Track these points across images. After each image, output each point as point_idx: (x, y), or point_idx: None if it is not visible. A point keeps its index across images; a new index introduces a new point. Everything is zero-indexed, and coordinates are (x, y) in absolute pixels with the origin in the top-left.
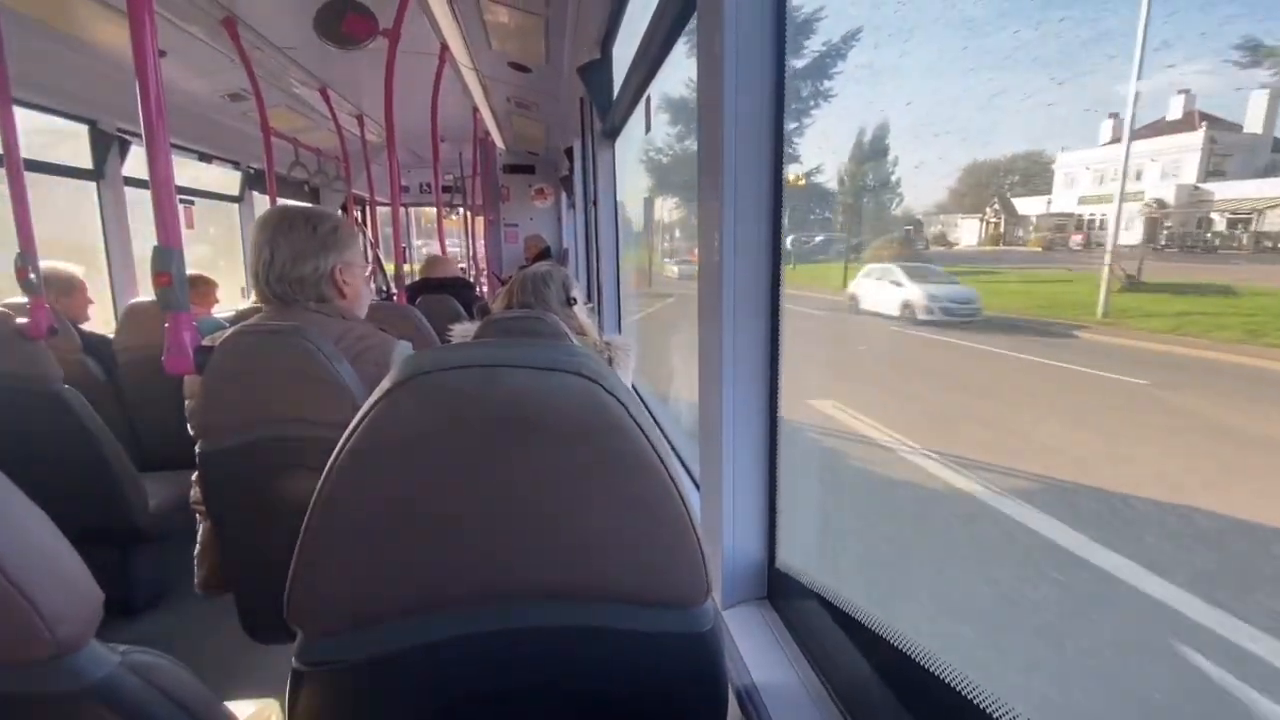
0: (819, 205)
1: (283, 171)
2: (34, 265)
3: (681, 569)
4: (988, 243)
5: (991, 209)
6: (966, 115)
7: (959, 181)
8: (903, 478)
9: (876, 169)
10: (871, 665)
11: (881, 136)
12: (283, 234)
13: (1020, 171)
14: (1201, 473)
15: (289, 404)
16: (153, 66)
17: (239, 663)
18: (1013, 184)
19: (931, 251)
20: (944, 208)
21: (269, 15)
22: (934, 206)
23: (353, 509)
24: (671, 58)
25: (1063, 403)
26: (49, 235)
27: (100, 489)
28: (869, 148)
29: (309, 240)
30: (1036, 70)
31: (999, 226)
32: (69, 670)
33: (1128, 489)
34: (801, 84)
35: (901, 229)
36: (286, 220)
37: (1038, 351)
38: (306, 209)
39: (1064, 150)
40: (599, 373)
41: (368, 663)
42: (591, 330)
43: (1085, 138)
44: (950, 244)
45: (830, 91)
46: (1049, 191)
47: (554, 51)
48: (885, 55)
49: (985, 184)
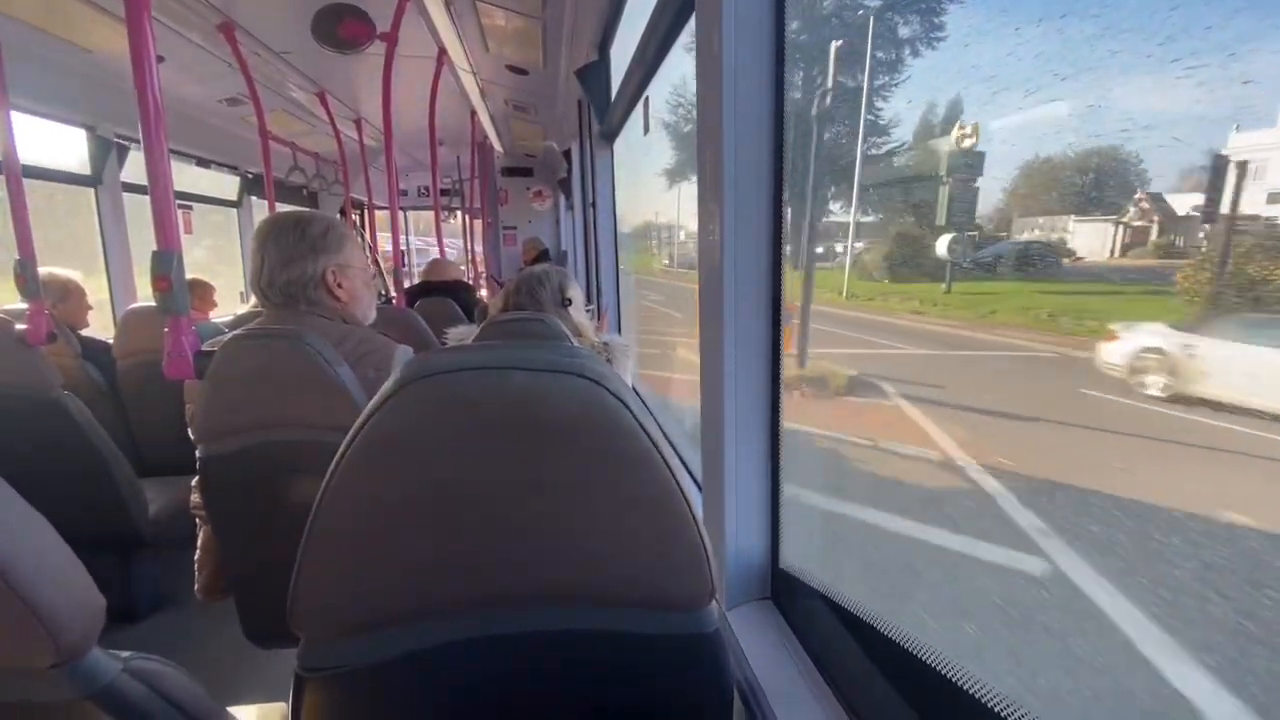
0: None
1: (281, 176)
2: (33, 271)
3: (685, 570)
4: (1131, 253)
5: (1137, 206)
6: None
7: (1069, 172)
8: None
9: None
10: (878, 665)
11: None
12: (272, 239)
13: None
14: None
15: (289, 408)
16: (151, 72)
17: (241, 668)
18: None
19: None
20: (1037, 207)
21: (267, 20)
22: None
23: (355, 513)
24: (669, 59)
25: None
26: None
27: (100, 495)
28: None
29: (298, 243)
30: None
31: (1152, 231)
32: (72, 677)
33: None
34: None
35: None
36: (277, 225)
37: None
38: (297, 212)
39: (1238, 130)
40: (600, 373)
41: (371, 668)
42: (588, 331)
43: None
44: (1069, 255)
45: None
46: (1215, 186)
47: (551, 54)
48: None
49: (1109, 176)
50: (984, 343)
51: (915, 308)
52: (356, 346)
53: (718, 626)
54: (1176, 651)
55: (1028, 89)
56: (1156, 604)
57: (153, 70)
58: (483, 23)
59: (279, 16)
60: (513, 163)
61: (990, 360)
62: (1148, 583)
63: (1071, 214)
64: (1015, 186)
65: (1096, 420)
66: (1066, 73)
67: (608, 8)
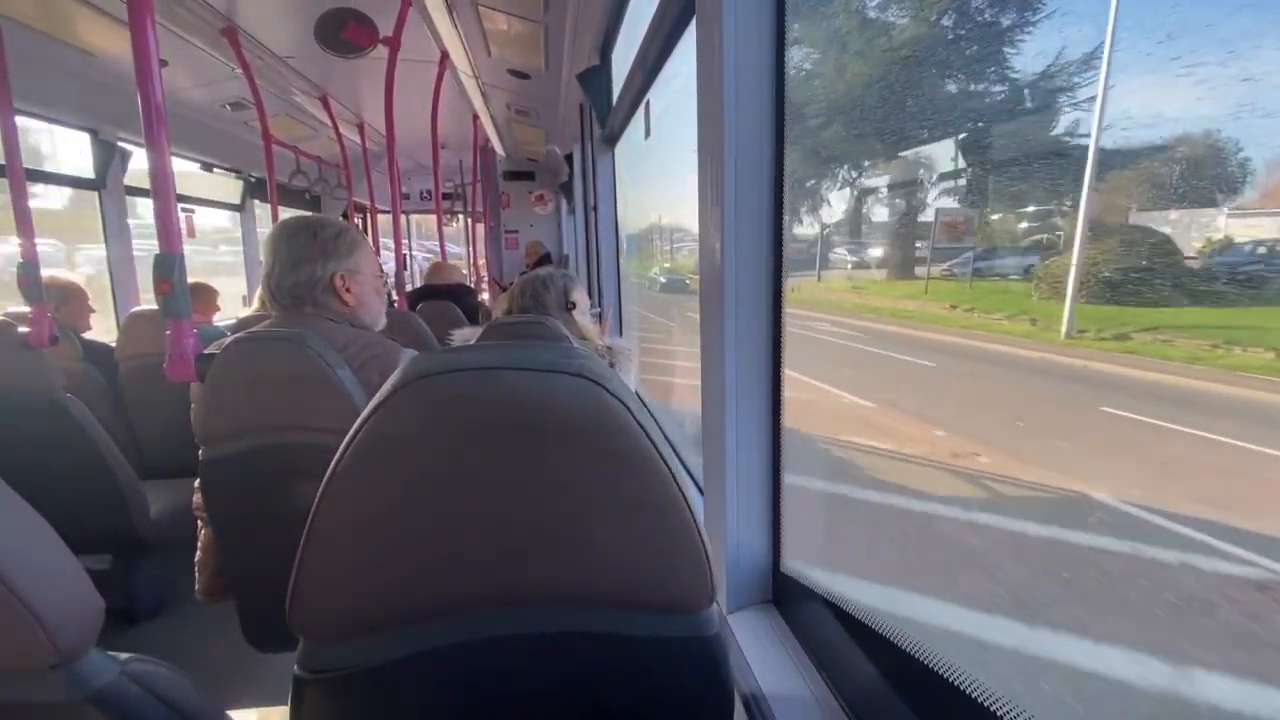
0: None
1: (284, 180)
2: (35, 275)
3: (685, 572)
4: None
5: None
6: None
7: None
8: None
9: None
10: (880, 671)
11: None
12: (283, 242)
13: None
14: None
15: (290, 410)
16: (154, 75)
17: (241, 671)
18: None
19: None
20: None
21: (270, 24)
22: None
23: (354, 514)
24: (670, 63)
25: None
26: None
27: (102, 497)
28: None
29: (308, 246)
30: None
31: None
32: (70, 679)
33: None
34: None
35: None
36: (289, 229)
37: None
38: (312, 218)
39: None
40: (601, 374)
41: (371, 670)
42: (593, 334)
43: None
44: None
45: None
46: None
47: (553, 58)
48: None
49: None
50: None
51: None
52: (361, 350)
53: (718, 630)
54: None
55: None
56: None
57: (156, 74)
58: (485, 27)
59: (282, 20)
60: (515, 166)
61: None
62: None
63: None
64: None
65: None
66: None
67: (609, 12)
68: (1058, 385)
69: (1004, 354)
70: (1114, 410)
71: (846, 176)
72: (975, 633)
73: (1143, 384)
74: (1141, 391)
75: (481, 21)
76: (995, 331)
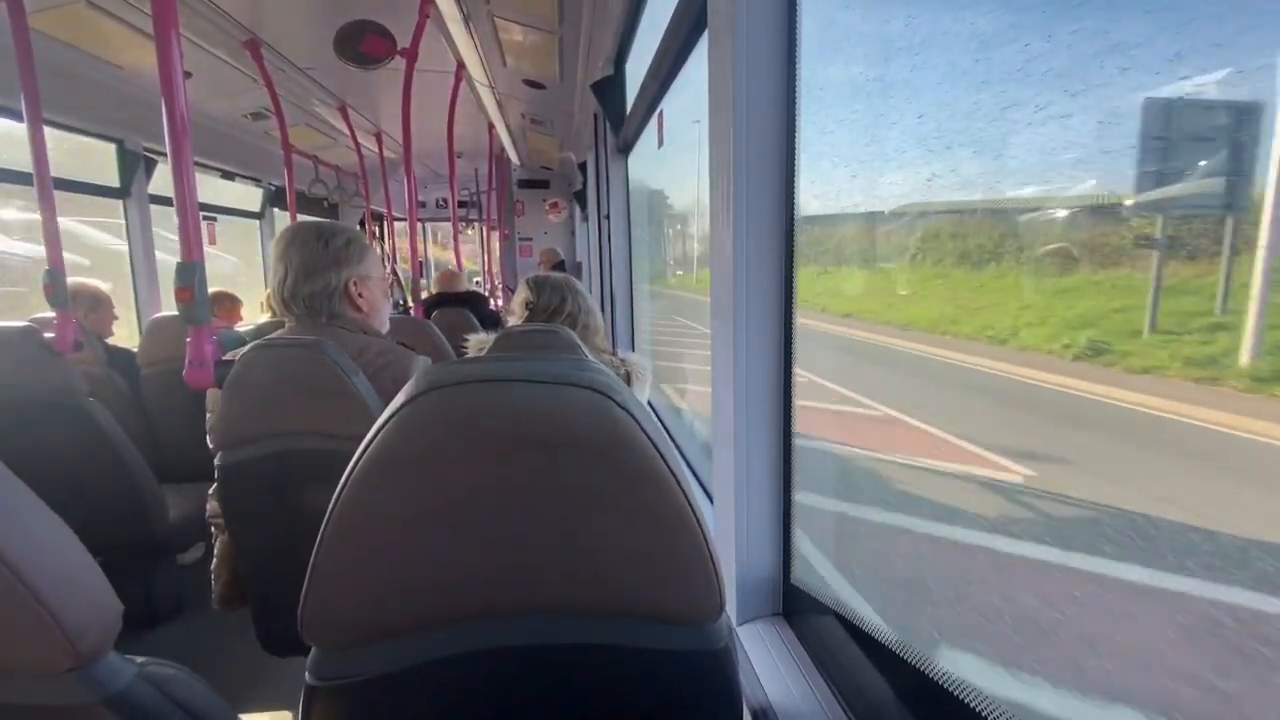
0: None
1: (303, 188)
2: (61, 281)
3: (694, 584)
4: None
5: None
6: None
7: None
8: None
9: None
10: (892, 686)
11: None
12: (295, 249)
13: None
14: None
15: (306, 417)
16: (178, 87)
17: (255, 676)
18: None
19: None
20: None
21: (291, 37)
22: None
23: (367, 523)
24: (683, 73)
25: None
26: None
27: (122, 501)
28: None
29: (320, 255)
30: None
31: None
32: (87, 681)
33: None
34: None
35: None
36: (299, 236)
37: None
38: (319, 224)
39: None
40: (611, 387)
41: (380, 678)
42: (607, 346)
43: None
44: None
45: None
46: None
47: (568, 68)
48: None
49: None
50: None
51: None
52: (376, 358)
53: (727, 643)
54: None
55: None
56: None
57: (180, 86)
58: (500, 38)
59: (303, 33)
60: (529, 175)
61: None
62: None
63: None
64: None
65: None
66: None
67: (623, 23)
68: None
69: None
70: None
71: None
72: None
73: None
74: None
75: (497, 33)
76: None
